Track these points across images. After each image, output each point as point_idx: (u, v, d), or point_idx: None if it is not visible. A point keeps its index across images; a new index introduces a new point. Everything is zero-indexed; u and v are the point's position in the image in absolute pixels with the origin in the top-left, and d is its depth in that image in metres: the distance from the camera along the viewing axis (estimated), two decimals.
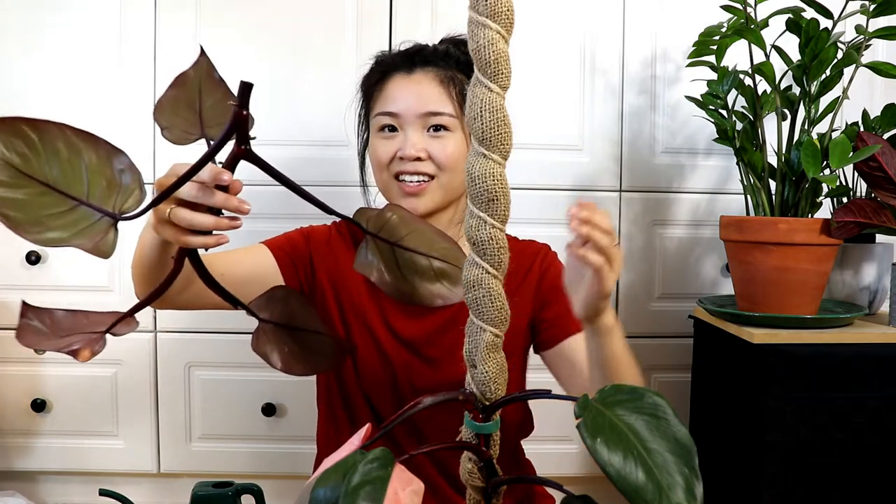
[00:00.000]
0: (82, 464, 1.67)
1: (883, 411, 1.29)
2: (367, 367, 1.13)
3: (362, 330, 1.13)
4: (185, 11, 1.62)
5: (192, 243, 0.70)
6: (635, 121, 1.67)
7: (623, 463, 0.56)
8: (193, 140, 0.71)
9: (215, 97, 0.72)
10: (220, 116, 0.71)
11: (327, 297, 1.15)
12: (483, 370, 0.73)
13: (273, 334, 0.71)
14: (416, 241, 0.68)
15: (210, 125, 0.71)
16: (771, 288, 1.32)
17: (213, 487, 1.07)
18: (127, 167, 0.62)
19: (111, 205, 0.62)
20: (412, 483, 0.59)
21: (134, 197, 0.62)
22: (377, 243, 0.67)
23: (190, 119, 0.71)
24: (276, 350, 0.71)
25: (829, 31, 1.28)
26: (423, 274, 0.68)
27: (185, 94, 0.72)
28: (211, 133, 0.71)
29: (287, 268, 1.12)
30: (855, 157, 1.26)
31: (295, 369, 0.72)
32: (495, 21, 0.67)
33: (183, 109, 0.72)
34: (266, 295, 0.71)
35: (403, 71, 1.13)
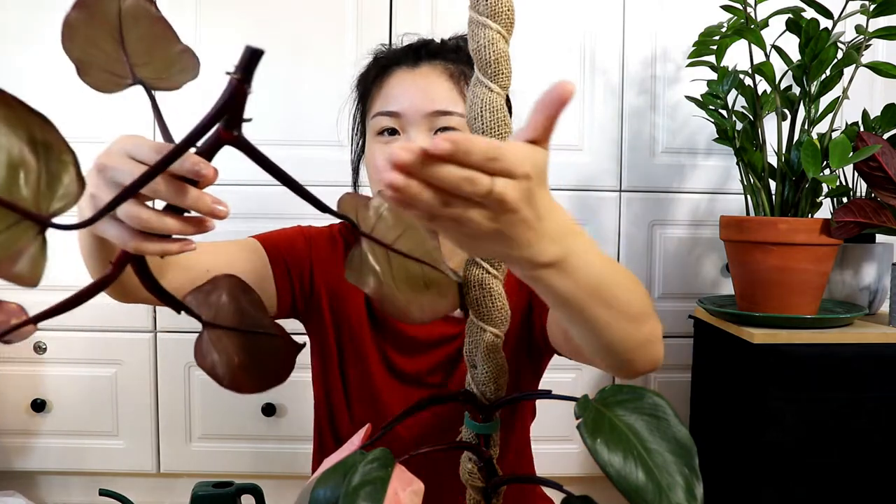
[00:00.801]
0: (82, 464, 1.67)
1: (883, 411, 1.29)
2: (359, 402, 1.02)
3: (356, 361, 1.01)
4: (186, 11, 1.62)
5: (146, 249, 0.52)
6: (635, 121, 1.67)
7: (623, 463, 0.56)
8: (125, 85, 0.54)
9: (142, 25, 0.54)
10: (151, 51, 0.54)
11: (324, 315, 1.01)
12: (483, 370, 0.73)
13: (220, 340, 0.55)
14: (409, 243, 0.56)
15: (140, 63, 0.54)
16: (771, 288, 1.32)
17: (212, 487, 1.07)
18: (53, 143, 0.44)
19: (33, 202, 0.43)
20: (412, 483, 0.59)
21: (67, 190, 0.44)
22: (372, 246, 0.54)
23: (112, 53, 0.53)
24: (223, 362, 0.55)
25: (829, 31, 1.28)
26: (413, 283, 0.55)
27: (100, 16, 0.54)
28: (146, 76, 0.54)
29: (281, 275, 0.97)
30: (855, 157, 1.26)
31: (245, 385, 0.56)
32: (496, 21, 0.67)
33: (101, 38, 0.54)
34: (206, 287, 0.56)
35: (407, 65, 0.97)
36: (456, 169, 0.44)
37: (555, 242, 0.52)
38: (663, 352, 0.71)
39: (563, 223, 0.53)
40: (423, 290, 0.56)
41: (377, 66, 1.01)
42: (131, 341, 1.62)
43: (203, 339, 0.56)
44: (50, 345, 1.62)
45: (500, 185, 0.45)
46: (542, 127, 0.50)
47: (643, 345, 0.66)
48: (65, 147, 0.44)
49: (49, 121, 0.44)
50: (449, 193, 0.45)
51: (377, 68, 1.01)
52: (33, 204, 0.43)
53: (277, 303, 0.98)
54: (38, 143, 0.43)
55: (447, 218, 0.47)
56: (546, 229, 0.51)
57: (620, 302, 0.61)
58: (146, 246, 0.52)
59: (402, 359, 1.01)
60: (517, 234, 0.49)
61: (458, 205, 0.46)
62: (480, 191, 0.45)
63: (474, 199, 0.46)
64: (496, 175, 0.45)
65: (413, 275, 0.55)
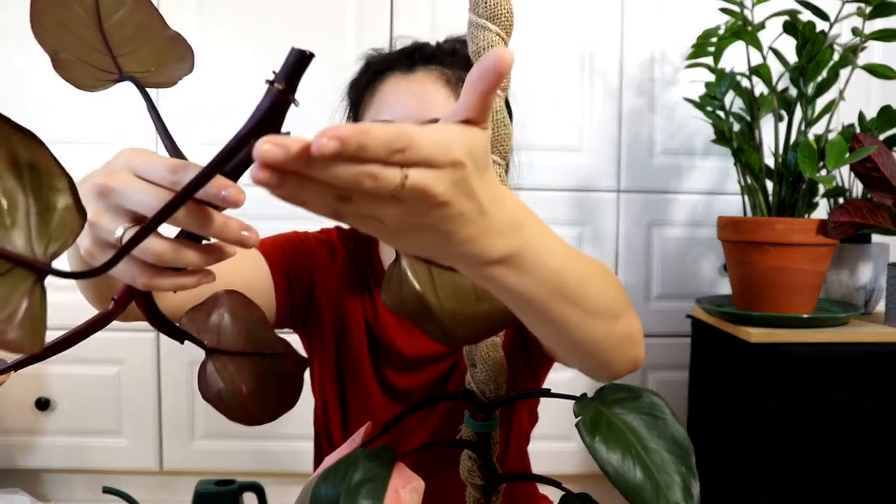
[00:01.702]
0: (86, 462, 1.68)
1: (879, 410, 1.29)
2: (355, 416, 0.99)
3: (353, 376, 0.98)
4: (187, 10, 1.63)
5: (161, 286, 0.44)
6: (634, 122, 1.68)
7: (621, 461, 0.56)
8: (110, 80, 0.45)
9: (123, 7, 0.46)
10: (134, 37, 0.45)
11: (325, 326, 0.97)
12: (482, 369, 0.74)
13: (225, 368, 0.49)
14: None
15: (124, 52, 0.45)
16: (768, 288, 1.33)
17: (215, 485, 1.08)
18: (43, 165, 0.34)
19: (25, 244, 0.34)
20: (412, 481, 0.60)
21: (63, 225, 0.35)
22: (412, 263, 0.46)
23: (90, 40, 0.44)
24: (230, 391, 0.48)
25: (825, 33, 1.29)
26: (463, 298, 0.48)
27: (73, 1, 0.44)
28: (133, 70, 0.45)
29: (281, 284, 0.92)
30: (851, 158, 1.27)
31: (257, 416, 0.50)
32: (495, 23, 0.68)
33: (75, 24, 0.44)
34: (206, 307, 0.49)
35: (401, 71, 0.92)
36: (349, 167, 0.35)
37: (504, 236, 0.45)
38: (644, 350, 0.65)
39: (514, 213, 0.46)
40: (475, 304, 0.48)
41: (369, 71, 0.96)
42: (134, 340, 1.62)
43: (207, 369, 0.49)
44: None
45: (417, 177, 0.37)
46: (477, 105, 0.42)
47: (620, 344, 0.60)
48: (57, 170, 0.35)
49: (35, 137, 0.35)
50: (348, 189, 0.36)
51: (369, 74, 0.96)
52: (27, 247, 0.34)
53: (277, 310, 0.94)
54: (23, 165, 0.34)
55: (352, 216, 0.39)
56: (493, 222, 0.44)
57: (588, 298, 0.54)
58: (159, 282, 0.44)
59: (396, 376, 0.98)
60: (454, 230, 0.41)
61: (363, 202, 0.37)
62: (387, 186, 0.36)
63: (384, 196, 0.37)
64: (410, 166, 0.37)
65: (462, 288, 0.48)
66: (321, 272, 0.97)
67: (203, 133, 1.64)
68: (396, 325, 0.98)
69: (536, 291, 0.49)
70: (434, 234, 0.41)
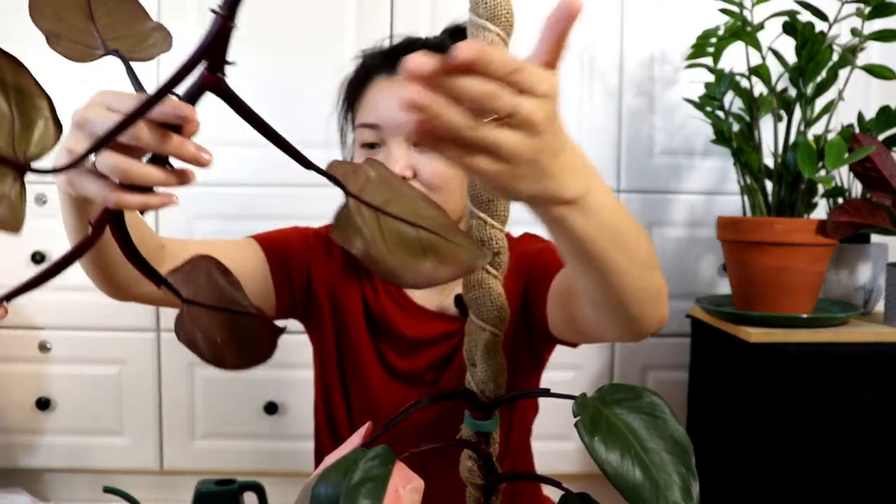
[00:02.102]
0: (86, 461, 1.68)
1: (879, 410, 1.29)
2: (357, 403, 1.02)
3: (354, 361, 1.01)
4: (187, 9, 1.63)
5: (128, 203, 0.49)
6: (633, 122, 1.68)
7: (621, 461, 0.56)
8: (98, 56, 0.54)
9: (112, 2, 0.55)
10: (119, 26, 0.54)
11: (324, 316, 1.01)
12: (482, 369, 0.74)
13: (200, 318, 0.54)
14: (400, 207, 0.53)
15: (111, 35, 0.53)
16: (767, 287, 1.33)
17: (215, 485, 1.08)
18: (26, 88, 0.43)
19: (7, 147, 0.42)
20: (412, 481, 0.60)
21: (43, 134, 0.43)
22: (360, 208, 0.51)
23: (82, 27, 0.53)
24: (205, 338, 0.55)
25: (824, 33, 1.29)
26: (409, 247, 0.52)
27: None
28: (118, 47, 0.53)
29: (279, 275, 0.96)
30: (850, 158, 1.27)
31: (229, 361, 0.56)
32: (495, 24, 0.68)
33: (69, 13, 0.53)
34: (186, 267, 0.55)
35: (386, 72, 0.95)
36: (478, 81, 0.42)
37: (578, 175, 0.51)
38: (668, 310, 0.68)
39: (583, 157, 0.53)
40: (421, 255, 0.52)
41: (361, 71, 1.00)
42: (135, 340, 1.63)
43: (183, 316, 0.54)
44: (55, 344, 1.63)
45: (524, 103, 0.44)
46: (553, 47, 0.49)
47: (655, 297, 0.64)
48: (38, 91, 0.43)
49: (21, 63, 0.42)
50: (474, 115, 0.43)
51: (360, 74, 0.99)
52: (8, 149, 0.42)
53: (276, 303, 0.98)
54: (10, 87, 0.42)
55: (480, 147, 0.45)
56: (569, 160, 0.50)
57: (635, 247, 0.59)
58: (127, 198, 0.48)
59: (398, 358, 1.00)
60: (545, 163, 0.47)
61: (486, 128, 0.44)
62: (505, 106, 0.43)
63: (502, 115, 0.44)
64: (520, 90, 0.44)
65: (408, 239, 0.52)
66: (318, 264, 1.00)
67: (202, 133, 1.64)
68: (396, 308, 1.00)
69: (597, 235, 0.55)
70: (535, 169, 0.47)
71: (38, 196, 1.61)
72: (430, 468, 0.69)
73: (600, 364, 1.71)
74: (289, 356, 1.62)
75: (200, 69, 0.47)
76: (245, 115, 0.49)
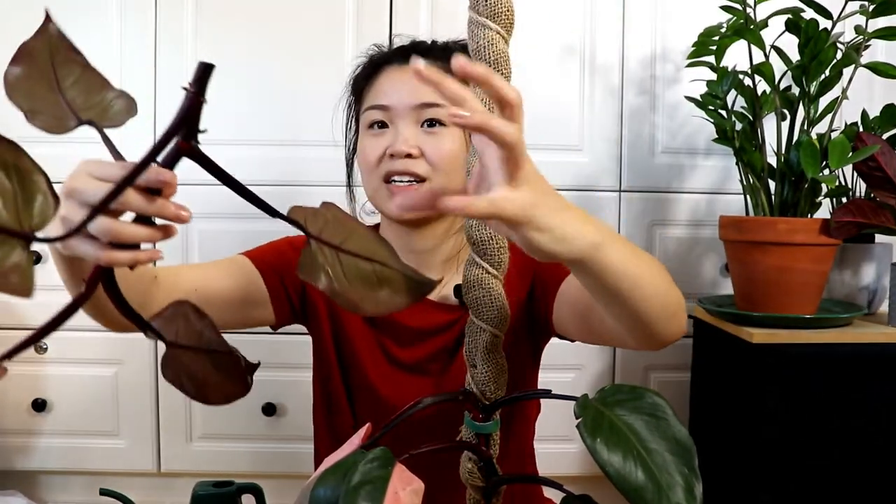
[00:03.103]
0: (83, 463, 1.68)
1: (882, 411, 1.29)
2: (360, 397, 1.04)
3: (355, 356, 1.04)
4: (185, 9, 1.62)
5: (119, 260, 0.54)
6: (635, 121, 1.68)
7: (623, 463, 0.56)
8: (73, 127, 0.58)
9: (74, 73, 0.60)
10: (87, 96, 0.59)
11: (320, 316, 1.04)
12: (483, 370, 0.74)
13: (186, 358, 0.60)
14: (355, 244, 0.59)
15: (82, 108, 0.58)
16: (770, 288, 1.32)
17: (213, 487, 1.07)
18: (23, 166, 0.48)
19: (15, 221, 0.47)
20: (412, 482, 0.60)
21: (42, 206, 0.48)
22: (321, 247, 0.58)
23: (53, 100, 0.58)
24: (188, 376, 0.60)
25: (828, 31, 1.29)
26: (366, 280, 0.59)
27: (36, 70, 0.59)
28: (90, 117, 0.58)
29: (273, 283, 1.00)
30: (854, 157, 1.26)
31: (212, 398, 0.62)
32: (495, 21, 0.68)
33: (41, 90, 0.58)
34: (167, 311, 0.60)
35: (397, 63, 1.01)
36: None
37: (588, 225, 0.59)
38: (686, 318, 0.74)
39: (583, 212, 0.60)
40: (378, 286, 0.59)
41: (370, 65, 1.06)
42: (132, 341, 1.61)
43: (168, 357, 0.59)
44: (51, 345, 1.63)
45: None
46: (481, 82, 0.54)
47: (674, 313, 0.70)
48: (35, 168, 0.48)
49: (18, 146, 0.47)
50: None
51: (370, 67, 1.05)
52: (15, 223, 0.47)
53: (275, 312, 1.02)
54: (10, 167, 0.47)
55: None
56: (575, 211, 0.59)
57: (653, 273, 0.67)
58: (118, 256, 0.54)
59: (400, 350, 1.03)
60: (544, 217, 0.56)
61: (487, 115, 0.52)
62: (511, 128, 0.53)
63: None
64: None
65: (365, 273, 0.59)
66: None
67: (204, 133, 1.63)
68: None
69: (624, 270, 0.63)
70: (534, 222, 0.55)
71: None
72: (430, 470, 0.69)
73: (602, 365, 1.71)
74: (287, 358, 1.61)
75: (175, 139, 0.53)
76: (217, 174, 0.55)
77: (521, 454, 1.09)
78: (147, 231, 0.56)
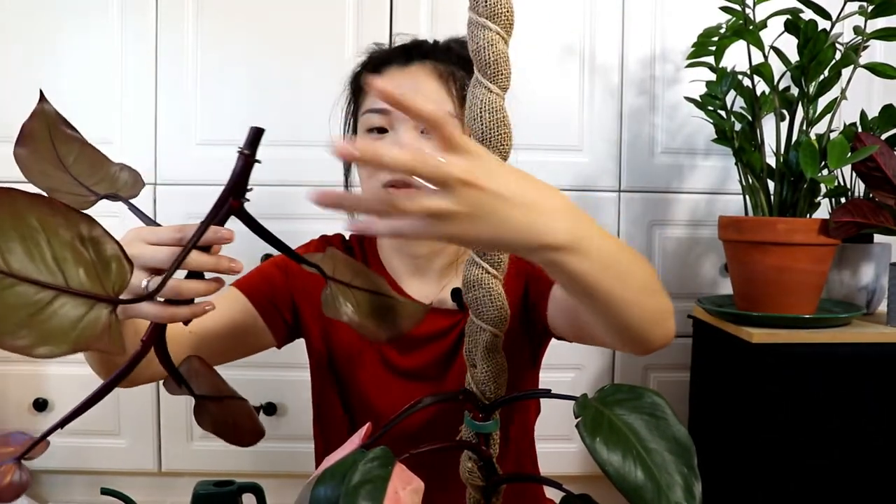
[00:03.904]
0: (84, 463, 1.68)
1: (881, 410, 1.29)
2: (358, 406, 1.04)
3: (352, 365, 1.03)
4: (186, 9, 1.62)
5: (179, 315, 0.60)
6: (634, 121, 1.68)
7: (622, 462, 0.56)
8: (94, 201, 0.63)
9: (74, 150, 0.64)
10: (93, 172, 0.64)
11: (311, 331, 1.04)
12: (483, 370, 0.74)
13: (214, 409, 0.68)
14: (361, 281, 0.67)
15: (89, 181, 0.63)
16: (769, 288, 1.33)
17: (214, 486, 1.08)
18: (99, 237, 0.51)
19: (98, 286, 0.50)
20: (412, 482, 0.60)
21: (118, 271, 0.52)
22: (337, 287, 0.65)
23: (64, 179, 0.62)
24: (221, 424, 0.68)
25: (827, 32, 1.29)
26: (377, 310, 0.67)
27: (39, 149, 0.64)
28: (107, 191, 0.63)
29: (265, 307, 1.00)
30: (853, 157, 1.26)
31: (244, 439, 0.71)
32: (495, 22, 0.68)
33: (49, 168, 0.63)
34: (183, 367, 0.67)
35: (398, 64, 0.99)
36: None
37: (562, 223, 0.55)
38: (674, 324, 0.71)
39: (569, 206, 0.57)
40: (387, 315, 0.67)
41: (370, 64, 1.04)
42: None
43: (197, 407, 0.68)
44: None
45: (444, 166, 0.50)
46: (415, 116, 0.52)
47: (660, 319, 0.67)
48: (107, 236, 0.51)
49: (92, 219, 0.51)
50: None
51: (370, 66, 1.03)
52: (100, 290, 0.50)
53: (273, 335, 1.02)
54: (86, 239, 0.50)
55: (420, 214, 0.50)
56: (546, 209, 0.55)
57: (636, 280, 0.63)
58: (178, 312, 0.60)
59: (400, 357, 1.01)
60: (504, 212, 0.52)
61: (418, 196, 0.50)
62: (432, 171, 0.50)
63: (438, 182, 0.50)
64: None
65: (375, 305, 0.67)
66: (299, 287, 1.03)
67: (201, 133, 1.63)
68: None
69: (598, 276, 0.58)
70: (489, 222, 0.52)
71: None
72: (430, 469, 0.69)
73: (601, 365, 1.71)
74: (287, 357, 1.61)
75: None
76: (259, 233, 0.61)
77: (523, 454, 1.09)
78: (204, 285, 0.62)
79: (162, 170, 1.63)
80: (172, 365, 0.64)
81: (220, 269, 0.61)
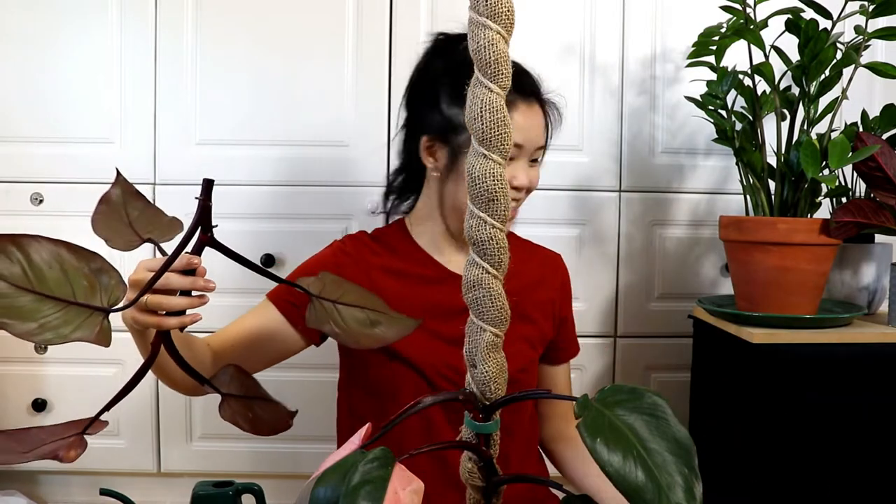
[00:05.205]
0: (83, 463, 1.64)
1: (882, 411, 1.29)
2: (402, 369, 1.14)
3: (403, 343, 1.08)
4: (186, 8, 1.62)
5: (169, 325, 0.80)
6: (635, 121, 1.68)
7: (623, 463, 0.56)
8: (138, 245, 0.80)
9: (138, 208, 0.84)
10: (148, 224, 0.82)
11: None
12: (483, 370, 0.73)
13: (236, 404, 0.82)
14: (350, 298, 0.81)
15: (144, 231, 0.82)
16: (770, 288, 1.32)
17: (213, 487, 1.07)
18: (103, 268, 0.69)
19: (98, 300, 0.69)
20: (412, 482, 0.60)
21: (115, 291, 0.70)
22: (322, 303, 0.79)
23: (123, 231, 0.82)
24: (241, 416, 0.82)
25: (828, 31, 1.29)
26: (361, 323, 0.80)
27: (112, 210, 0.83)
28: (149, 235, 0.82)
29: (291, 313, 1.12)
30: (854, 157, 1.26)
31: (262, 430, 0.84)
32: (495, 21, 0.68)
33: (114, 223, 0.82)
34: (222, 374, 0.82)
35: (525, 101, 1.13)
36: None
37: None
38: None
39: None
40: (371, 327, 0.82)
41: None
42: (132, 341, 1.61)
43: (224, 404, 0.81)
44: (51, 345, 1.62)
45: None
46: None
47: None
48: (109, 266, 0.70)
49: (98, 255, 0.69)
50: None
51: None
52: (99, 302, 0.69)
53: (305, 340, 1.15)
54: (93, 269, 0.69)
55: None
56: None
57: None
58: (170, 321, 0.81)
59: (442, 324, 1.10)
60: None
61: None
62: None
63: None
64: None
65: (360, 318, 0.82)
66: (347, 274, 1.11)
67: (201, 132, 1.63)
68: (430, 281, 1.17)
69: None
70: None
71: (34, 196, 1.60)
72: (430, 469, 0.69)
73: (602, 365, 1.71)
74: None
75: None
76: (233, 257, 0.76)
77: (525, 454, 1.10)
78: (186, 300, 0.81)
79: (161, 170, 1.62)
80: (185, 363, 0.79)
81: (196, 287, 0.81)
